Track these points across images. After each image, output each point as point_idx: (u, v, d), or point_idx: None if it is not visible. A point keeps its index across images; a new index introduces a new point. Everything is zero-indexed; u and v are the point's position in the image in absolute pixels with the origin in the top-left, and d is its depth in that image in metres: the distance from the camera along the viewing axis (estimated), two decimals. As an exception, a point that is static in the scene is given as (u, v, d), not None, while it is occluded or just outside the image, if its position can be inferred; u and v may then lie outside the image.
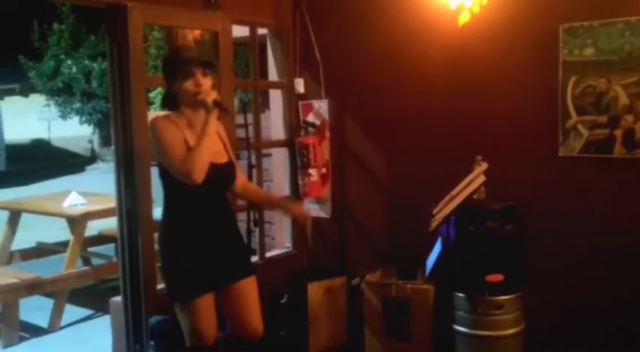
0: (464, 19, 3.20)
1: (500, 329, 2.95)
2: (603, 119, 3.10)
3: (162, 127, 2.48)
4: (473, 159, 3.17)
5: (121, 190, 3.20)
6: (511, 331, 2.96)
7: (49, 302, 4.55)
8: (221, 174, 2.58)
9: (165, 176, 2.54)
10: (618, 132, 3.06)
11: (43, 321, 4.49)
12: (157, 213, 3.29)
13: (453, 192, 3.10)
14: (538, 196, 3.25)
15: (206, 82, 2.51)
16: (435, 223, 3.06)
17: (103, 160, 18.70)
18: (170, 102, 2.60)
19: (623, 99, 3.04)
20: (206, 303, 2.56)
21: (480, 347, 2.99)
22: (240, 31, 3.81)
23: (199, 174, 2.40)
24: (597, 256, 3.16)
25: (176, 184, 2.49)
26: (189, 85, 2.49)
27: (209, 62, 2.55)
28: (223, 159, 2.63)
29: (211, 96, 2.49)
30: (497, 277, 2.95)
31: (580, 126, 3.16)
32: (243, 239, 2.76)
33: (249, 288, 2.70)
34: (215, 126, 2.53)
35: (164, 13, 3.30)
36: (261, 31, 4.06)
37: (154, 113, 4.04)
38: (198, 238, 2.56)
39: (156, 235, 3.24)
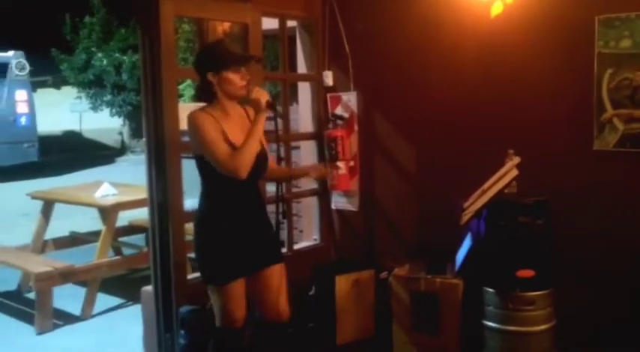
0: (496, 9, 3.14)
1: (531, 325, 2.91)
2: (639, 113, 3.03)
3: (202, 122, 2.55)
4: (505, 152, 3.12)
5: (153, 181, 3.23)
6: (542, 327, 2.92)
7: (81, 291, 4.64)
8: (256, 164, 2.66)
9: (203, 167, 2.63)
10: (655, 126, 2.99)
11: (75, 309, 4.58)
12: (188, 204, 3.34)
13: (485, 186, 3.06)
14: (571, 191, 3.19)
15: (247, 76, 2.62)
16: (466, 217, 3.03)
17: (132, 152, 18.93)
18: (206, 94, 2.65)
19: (661, 93, 2.96)
20: (238, 287, 2.68)
21: (510, 342, 2.95)
22: (269, 24, 3.81)
23: (245, 172, 2.52)
24: (631, 252, 3.09)
25: (214, 175, 2.58)
26: (236, 77, 2.58)
27: (258, 57, 2.71)
28: (257, 149, 2.69)
29: (264, 97, 2.58)
30: (529, 273, 2.91)
31: (615, 120, 3.09)
32: (273, 227, 2.84)
33: (276, 275, 2.81)
34: (263, 126, 2.61)
35: (195, 5, 3.32)
36: (291, 23, 4.05)
37: (184, 105, 4.07)
38: (233, 225, 2.66)
39: (187, 226, 3.29)
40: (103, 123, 18.96)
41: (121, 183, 5.71)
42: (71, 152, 17.42)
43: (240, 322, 2.72)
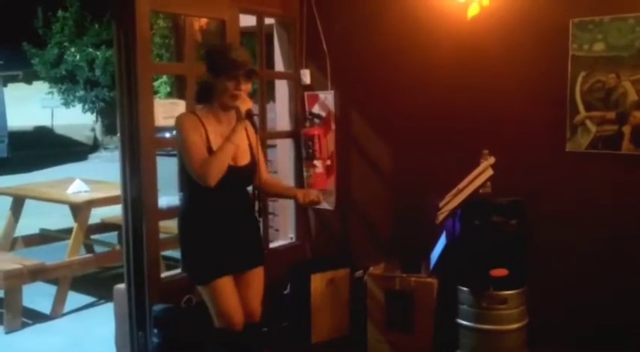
0: (473, 11, 3.18)
1: (503, 324, 2.94)
2: (612, 115, 3.08)
3: (186, 125, 2.57)
4: (480, 152, 3.15)
5: (126, 178, 3.19)
6: (515, 326, 2.95)
7: (52, 289, 4.55)
8: (240, 176, 2.67)
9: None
10: (627, 129, 3.04)
11: (45, 308, 4.49)
12: (163, 201, 3.30)
13: (460, 186, 3.09)
14: (544, 192, 3.23)
15: (246, 87, 2.60)
16: (441, 216, 3.05)
17: (105, 149, 18.72)
18: (205, 95, 2.67)
19: (632, 96, 3.02)
20: (226, 285, 2.66)
21: (483, 341, 2.98)
22: (247, 21, 3.79)
23: (213, 180, 2.50)
24: (602, 252, 3.15)
25: None
26: (231, 85, 2.57)
27: (255, 70, 2.63)
28: (245, 160, 2.70)
29: (246, 105, 2.56)
30: (502, 272, 2.94)
31: (588, 122, 3.14)
32: (259, 229, 2.85)
33: (258, 277, 2.83)
34: (242, 135, 2.61)
35: (172, 0, 3.28)
36: (268, 21, 4.04)
37: (160, 101, 4.02)
38: (217, 225, 2.65)
39: (161, 224, 3.26)
40: (75, 119, 18.70)
41: (94, 180, 5.63)
42: (42, 148, 17.15)
43: (240, 326, 2.68)
